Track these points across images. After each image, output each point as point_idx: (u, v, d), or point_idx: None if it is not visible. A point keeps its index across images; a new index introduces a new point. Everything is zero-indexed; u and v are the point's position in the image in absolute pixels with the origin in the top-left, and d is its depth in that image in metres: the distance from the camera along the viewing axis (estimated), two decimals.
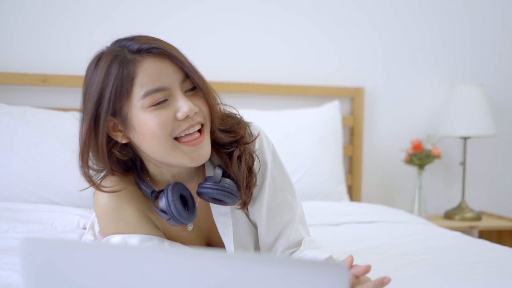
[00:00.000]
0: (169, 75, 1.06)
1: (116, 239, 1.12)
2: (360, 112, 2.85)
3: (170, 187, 1.11)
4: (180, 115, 1.05)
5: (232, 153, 1.15)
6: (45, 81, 2.47)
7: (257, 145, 1.20)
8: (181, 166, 1.12)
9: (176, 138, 1.07)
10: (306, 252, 1.20)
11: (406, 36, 2.97)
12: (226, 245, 1.21)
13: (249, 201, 1.17)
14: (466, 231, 2.84)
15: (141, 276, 0.58)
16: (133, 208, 1.15)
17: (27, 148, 2.13)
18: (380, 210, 2.31)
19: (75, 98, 2.56)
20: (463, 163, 2.87)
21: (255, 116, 1.75)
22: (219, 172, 1.14)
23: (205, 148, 1.10)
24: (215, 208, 1.20)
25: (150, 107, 1.04)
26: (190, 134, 1.08)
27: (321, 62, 2.87)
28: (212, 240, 1.27)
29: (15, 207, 1.96)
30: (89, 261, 0.59)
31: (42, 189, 2.09)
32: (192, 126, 1.08)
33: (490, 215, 2.96)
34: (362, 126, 2.86)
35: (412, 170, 2.97)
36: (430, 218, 2.82)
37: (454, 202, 3.02)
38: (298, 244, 1.24)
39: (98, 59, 1.08)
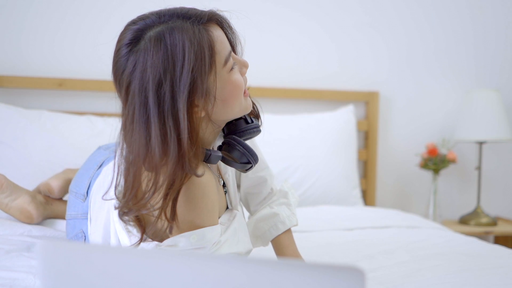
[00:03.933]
0: (226, 40, 1.12)
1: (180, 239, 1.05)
2: (375, 117, 2.84)
3: (236, 139, 1.15)
4: (245, 70, 1.14)
5: None
6: (61, 85, 2.49)
7: None
8: (239, 116, 1.17)
9: None
10: (274, 211, 1.38)
11: (422, 41, 2.96)
12: (227, 181, 1.26)
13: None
14: (482, 236, 2.81)
15: (159, 280, 0.58)
16: (214, 190, 1.09)
17: (42, 152, 2.15)
18: (394, 215, 2.30)
19: (91, 101, 2.61)
20: (479, 168, 2.85)
21: (270, 120, 1.75)
22: (247, 117, 1.22)
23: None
24: None
25: (230, 71, 1.09)
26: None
27: (336, 66, 2.87)
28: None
29: None
30: (108, 264, 0.60)
31: None
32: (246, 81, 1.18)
33: (506, 221, 2.93)
34: (376, 131, 2.85)
35: (427, 174, 2.96)
36: (445, 223, 2.80)
37: (469, 207, 2.99)
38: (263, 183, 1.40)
39: (158, 39, 1.00)
